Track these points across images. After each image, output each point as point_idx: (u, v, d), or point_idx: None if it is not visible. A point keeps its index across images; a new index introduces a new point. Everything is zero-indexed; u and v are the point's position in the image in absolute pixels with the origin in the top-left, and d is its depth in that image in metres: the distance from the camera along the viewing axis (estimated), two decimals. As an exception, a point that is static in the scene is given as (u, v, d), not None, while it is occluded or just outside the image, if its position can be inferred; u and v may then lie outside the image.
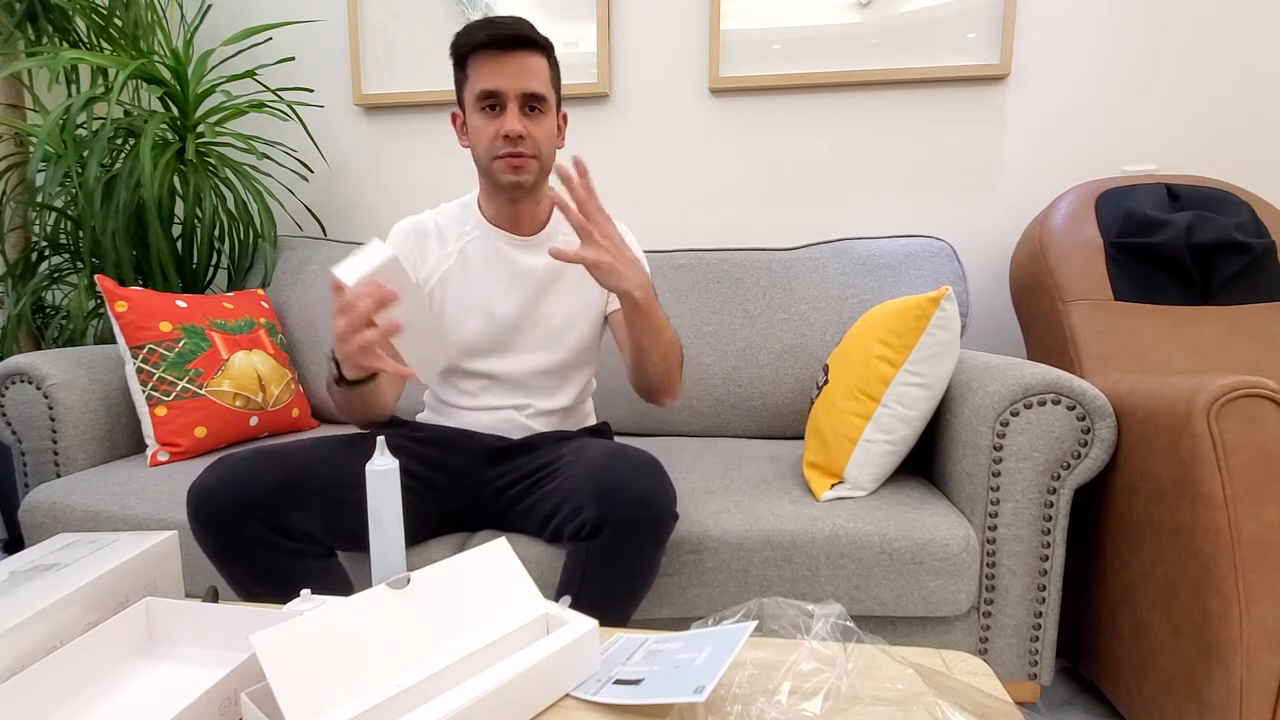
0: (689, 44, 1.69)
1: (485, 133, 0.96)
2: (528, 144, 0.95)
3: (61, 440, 1.23)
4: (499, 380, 1.07)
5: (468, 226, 1.06)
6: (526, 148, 0.95)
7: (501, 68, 0.93)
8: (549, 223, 1.07)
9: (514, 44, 0.92)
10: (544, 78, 0.96)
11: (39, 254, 1.63)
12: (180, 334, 1.31)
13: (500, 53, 0.92)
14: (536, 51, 0.95)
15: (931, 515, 1.00)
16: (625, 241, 0.89)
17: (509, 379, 1.06)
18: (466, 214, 1.07)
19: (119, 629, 0.62)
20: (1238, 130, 1.53)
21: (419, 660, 0.54)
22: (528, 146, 0.95)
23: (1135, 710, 0.98)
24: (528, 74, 0.94)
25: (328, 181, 1.89)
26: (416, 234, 1.06)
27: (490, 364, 1.06)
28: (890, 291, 1.43)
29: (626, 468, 0.84)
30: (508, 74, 0.93)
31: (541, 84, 0.95)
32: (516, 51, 0.93)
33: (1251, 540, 0.81)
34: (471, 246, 1.05)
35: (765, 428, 1.47)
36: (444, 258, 1.05)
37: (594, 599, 0.80)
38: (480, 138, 0.97)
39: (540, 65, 0.95)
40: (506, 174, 0.96)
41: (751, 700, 0.54)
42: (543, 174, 1.00)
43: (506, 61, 0.93)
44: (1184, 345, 1.23)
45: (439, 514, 0.99)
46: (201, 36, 1.77)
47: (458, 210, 1.08)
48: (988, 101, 1.61)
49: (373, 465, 0.68)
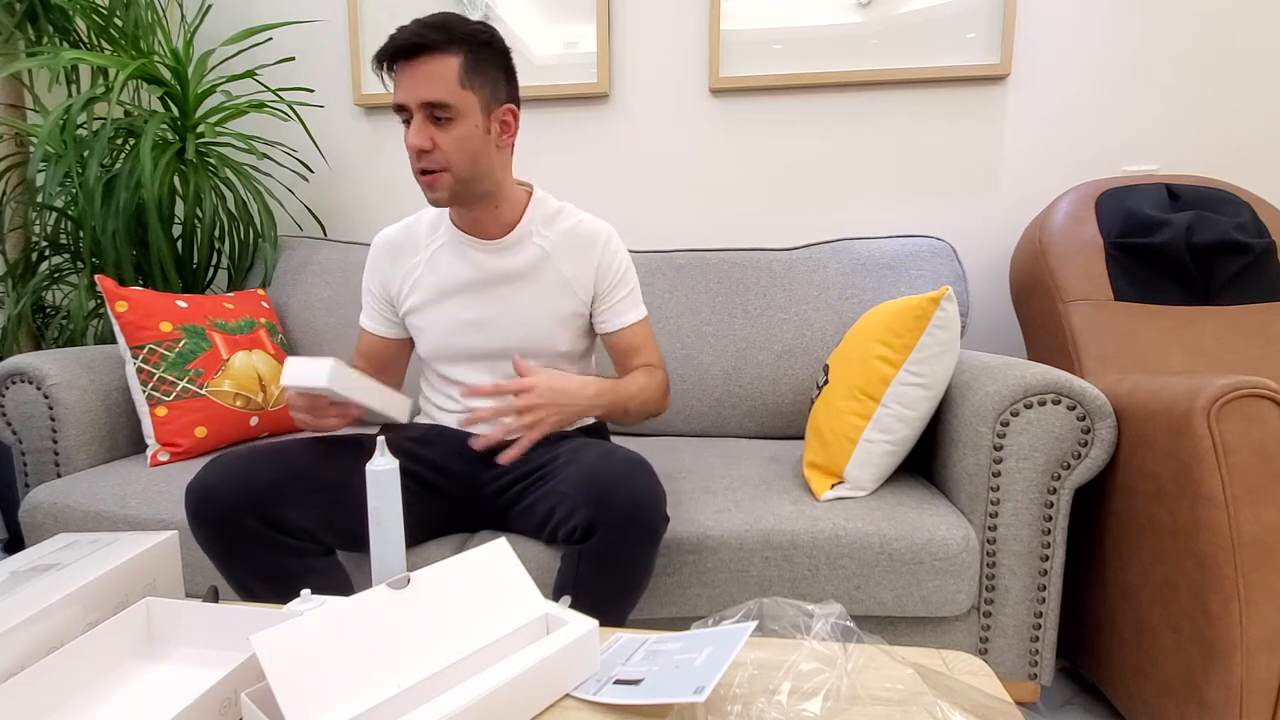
0: (689, 44, 1.69)
1: (407, 147, 0.92)
2: (434, 157, 0.90)
3: (61, 440, 1.23)
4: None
5: (438, 233, 1.05)
6: (432, 162, 0.91)
7: (402, 80, 0.89)
8: (519, 224, 1.03)
9: (413, 51, 0.87)
10: (448, 82, 0.88)
11: (39, 254, 1.63)
12: (180, 334, 1.31)
13: (404, 62, 0.88)
14: (442, 53, 0.87)
15: (931, 515, 1.00)
16: (543, 393, 0.92)
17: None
18: (440, 219, 1.06)
19: (119, 629, 0.62)
20: (1238, 130, 1.53)
21: (419, 660, 0.54)
22: (433, 160, 0.91)
23: (1135, 710, 0.98)
24: (428, 81, 0.87)
25: (328, 181, 1.89)
26: (387, 250, 1.07)
27: (463, 371, 1.06)
28: (890, 291, 1.43)
29: (617, 471, 0.84)
30: (406, 84, 0.88)
31: (443, 90, 0.88)
32: (418, 59, 0.87)
33: (1251, 540, 0.81)
34: (441, 253, 1.04)
35: (765, 428, 1.47)
36: (413, 266, 1.05)
37: (589, 601, 0.80)
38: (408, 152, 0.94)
39: (445, 69, 0.88)
40: (425, 191, 0.95)
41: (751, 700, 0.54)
42: (461, 183, 0.94)
43: (408, 71, 0.88)
44: (1184, 345, 1.23)
45: (439, 514, 0.99)
46: (201, 36, 1.77)
47: (433, 217, 1.07)
48: (988, 101, 1.61)
49: (373, 465, 0.68)
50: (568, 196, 1.15)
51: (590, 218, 1.08)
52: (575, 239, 1.05)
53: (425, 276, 1.04)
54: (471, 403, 1.03)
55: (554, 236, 1.05)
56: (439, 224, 1.06)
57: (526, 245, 1.04)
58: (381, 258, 1.07)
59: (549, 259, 1.04)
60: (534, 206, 1.05)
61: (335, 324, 1.59)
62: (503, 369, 1.04)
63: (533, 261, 1.04)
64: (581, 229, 1.06)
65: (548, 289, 1.04)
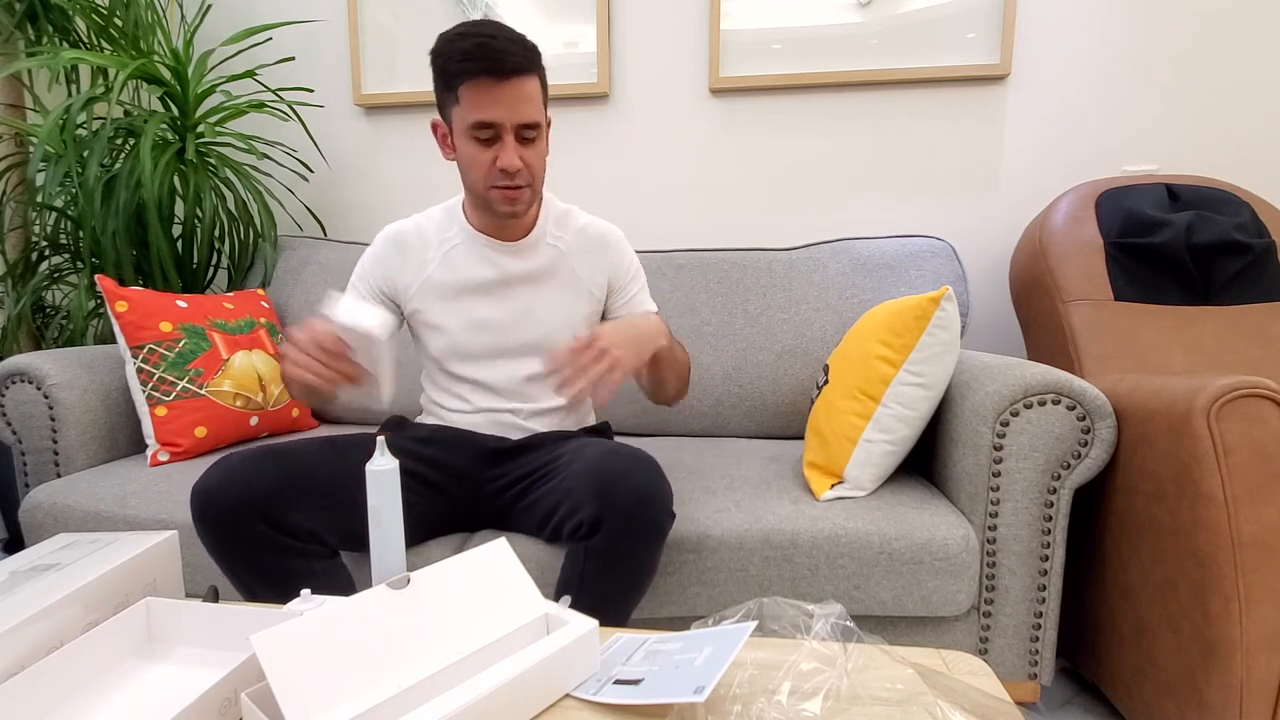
0: (689, 44, 1.69)
1: (479, 160, 0.93)
2: (524, 175, 0.93)
3: (61, 440, 1.23)
4: (489, 386, 1.06)
5: (451, 232, 1.05)
6: (523, 179, 0.93)
7: (496, 98, 0.88)
8: (535, 226, 1.05)
9: (514, 71, 0.88)
10: (538, 102, 0.92)
11: (39, 254, 1.63)
12: (180, 334, 1.31)
13: (497, 81, 0.88)
14: (531, 75, 0.90)
15: (931, 515, 1.00)
16: (613, 336, 0.85)
17: (499, 385, 1.06)
18: (451, 219, 1.06)
19: (119, 629, 0.62)
20: (1238, 130, 1.53)
21: (419, 660, 0.54)
22: (524, 177, 0.93)
23: (1135, 710, 0.98)
24: (524, 103, 0.90)
25: (328, 181, 1.89)
26: (396, 244, 1.06)
27: (478, 370, 1.06)
28: (890, 291, 1.43)
29: (623, 467, 0.84)
30: (503, 104, 0.89)
31: (537, 111, 0.92)
32: (513, 79, 0.88)
33: (1251, 540, 0.81)
34: (456, 252, 1.04)
35: (765, 428, 1.47)
36: (425, 264, 1.04)
37: (593, 598, 0.80)
38: (474, 164, 0.93)
39: (535, 89, 0.91)
40: (503, 205, 0.95)
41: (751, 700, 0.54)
42: (535, 195, 0.98)
43: (501, 91, 0.88)
44: (1184, 345, 1.23)
45: (439, 514, 0.99)
46: (201, 36, 1.77)
47: (442, 215, 1.07)
48: (988, 101, 1.61)
49: (373, 465, 0.68)
50: (568, 196, 1.16)
51: (597, 219, 1.11)
52: (588, 239, 1.08)
53: (439, 274, 1.04)
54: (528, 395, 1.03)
55: (568, 237, 1.07)
56: (449, 223, 1.06)
57: (543, 246, 1.05)
58: (390, 251, 1.06)
59: (565, 259, 1.06)
60: (546, 208, 1.07)
61: (335, 324, 1.59)
62: (517, 367, 1.05)
63: (550, 262, 1.05)
64: (593, 229, 1.09)
65: (564, 288, 1.06)
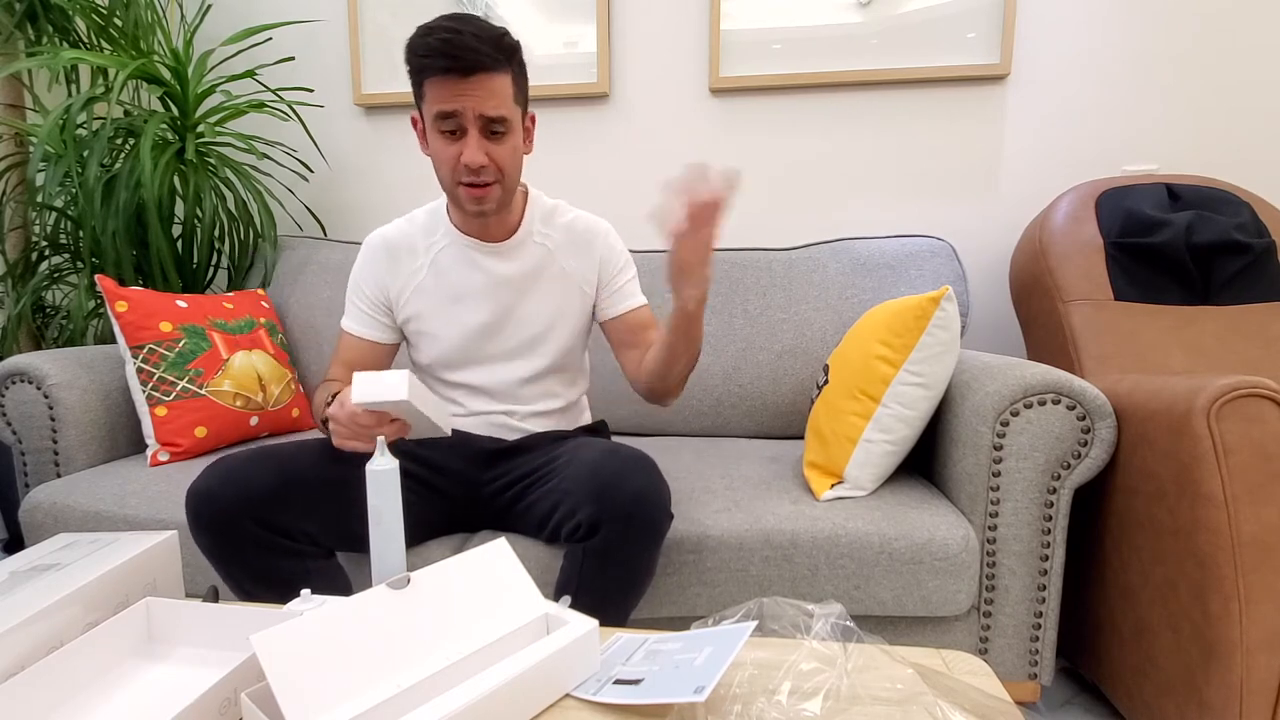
0: (689, 44, 1.69)
1: (445, 156, 0.90)
2: (489, 171, 0.90)
3: (61, 440, 1.23)
4: (483, 389, 1.06)
5: (437, 235, 1.04)
6: (488, 175, 0.91)
7: (458, 91, 0.86)
8: (521, 225, 1.04)
9: (476, 69, 0.85)
10: (506, 97, 0.88)
11: (39, 254, 1.62)
12: (180, 334, 1.31)
13: (461, 76, 0.85)
14: (499, 70, 0.87)
15: (931, 515, 1.00)
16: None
17: (493, 388, 1.05)
18: (435, 221, 1.05)
19: (119, 629, 0.62)
20: (1238, 130, 1.53)
21: (419, 660, 0.54)
22: (489, 174, 0.91)
23: (1135, 710, 0.98)
24: (489, 98, 0.87)
25: (328, 181, 1.89)
26: (385, 252, 1.04)
27: (469, 374, 1.05)
28: (890, 291, 1.43)
29: (621, 467, 0.83)
30: (466, 97, 0.86)
31: (503, 105, 0.88)
32: (475, 75, 0.85)
33: (1251, 540, 0.81)
34: (443, 255, 1.03)
35: (765, 428, 1.47)
36: (415, 270, 1.03)
37: (592, 599, 0.80)
38: (441, 160, 0.91)
39: (502, 84, 0.88)
40: (470, 204, 0.93)
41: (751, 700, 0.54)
42: (506, 194, 0.95)
43: (463, 86, 0.85)
44: (1184, 345, 1.23)
45: (438, 515, 0.99)
46: (201, 36, 1.77)
47: (426, 218, 1.06)
48: (988, 101, 1.61)
49: (373, 465, 0.68)
50: (567, 196, 1.15)
51: (585, 213, 1.09)
52: (575, 234, 1.06)
53: (429, 281, 1.03)
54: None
55: (555, 234, 1.05)
56: (434, 226, 1.05)
57: (530, 245, 1.04)
58: (379, 259, 1.04)
59: (553, 256, 1.05)
60: (531, 205, 1.05)
61: (335, 324, 1.58)
62: (511, 369, 1.05)
63: (538, 261, 1.04)
64: (580, 224, 1.07)
65: (554, 286, 1.05)
